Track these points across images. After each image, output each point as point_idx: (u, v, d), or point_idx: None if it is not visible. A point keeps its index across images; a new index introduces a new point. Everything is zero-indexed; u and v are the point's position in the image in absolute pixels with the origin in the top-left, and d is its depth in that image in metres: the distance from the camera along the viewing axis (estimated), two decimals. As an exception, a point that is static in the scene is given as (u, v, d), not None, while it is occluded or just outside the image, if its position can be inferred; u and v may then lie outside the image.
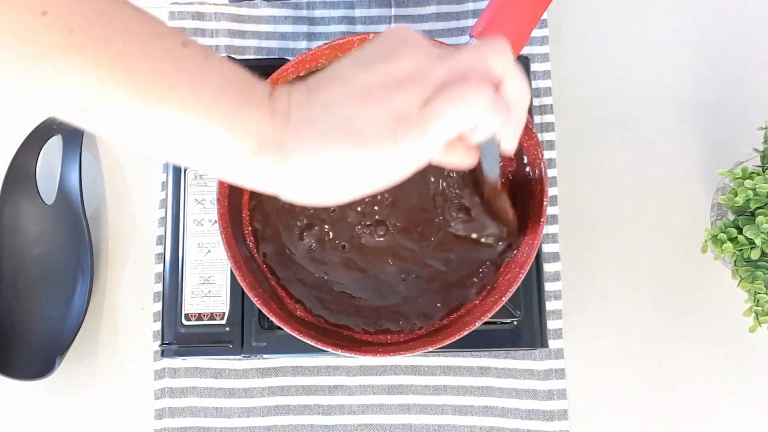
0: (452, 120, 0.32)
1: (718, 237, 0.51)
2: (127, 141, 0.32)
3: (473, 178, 0.54)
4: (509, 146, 0.37)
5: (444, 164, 0.37)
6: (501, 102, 0.34)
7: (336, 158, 0.32)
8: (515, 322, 0.54)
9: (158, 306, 0.59)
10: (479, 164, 0.42)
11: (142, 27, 0.31)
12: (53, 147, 0.63)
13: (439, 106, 0.32)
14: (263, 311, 0.49)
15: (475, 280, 0.53)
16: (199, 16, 0.66)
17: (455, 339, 0.48)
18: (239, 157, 0.32)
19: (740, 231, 0.51)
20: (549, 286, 0.59)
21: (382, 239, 0.54)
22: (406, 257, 0.54)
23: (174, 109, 0.30)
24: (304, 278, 0.54)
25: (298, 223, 0.54)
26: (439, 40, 0.53)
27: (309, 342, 0.48)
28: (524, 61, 0.58)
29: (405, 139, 0.32)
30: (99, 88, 0.29)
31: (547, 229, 0.60)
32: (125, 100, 0.30)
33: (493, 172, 0.46)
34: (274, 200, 0.54)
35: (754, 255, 0.49)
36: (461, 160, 0.37)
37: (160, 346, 0.56)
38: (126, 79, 0.29)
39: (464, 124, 0.33)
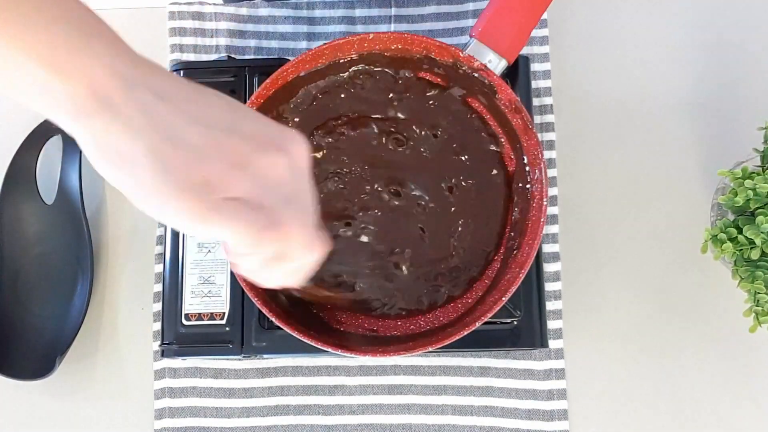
0: (224, 224, 0.31)
1: (718, 237, 0.51)
2: None
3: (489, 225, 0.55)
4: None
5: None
6: (265, 265, 0.34)
7: (130, 152, 0.29)
8: (515, 322, 0.54)
9: (158, 306, 0.59)
10: None
11: None
12: (53, 147, 0.63)
13: (231, 206, 0.31)
14: (263, 311, 0.49)
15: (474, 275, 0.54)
16: (199, 16, 0.66)
17: (455, 339, 0.48)
18: (65, 95, 0.29)
19: (740, 231, 0.51)
20: (549, 286, 0.59)
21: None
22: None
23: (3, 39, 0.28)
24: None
25: None
26: (439, 40, 0.53)
27: (309, 342, 0.48)
28: (524, 61, 0.58)
29: (185, 196, 0.30)
30: None
31: (547, 229, 0.60)
32: None
33: None
34: None
35: (754, 255, 0.49)
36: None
37: (160, 346, 0.56)
38: None
39: (229, 238, 0.32)
